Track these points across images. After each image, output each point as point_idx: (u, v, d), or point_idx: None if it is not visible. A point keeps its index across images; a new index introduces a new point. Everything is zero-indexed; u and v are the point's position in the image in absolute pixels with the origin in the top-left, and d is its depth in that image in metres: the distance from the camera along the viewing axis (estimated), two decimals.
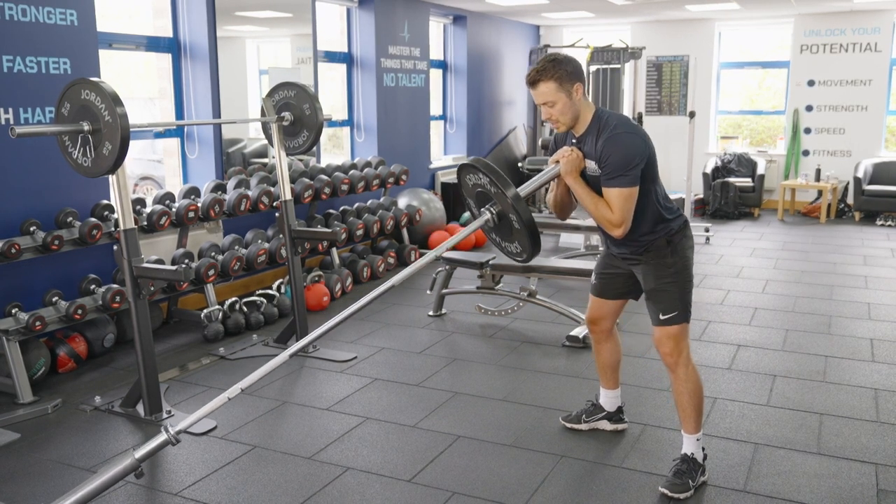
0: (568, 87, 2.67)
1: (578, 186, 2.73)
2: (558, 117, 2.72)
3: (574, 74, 2.68)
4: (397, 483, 2.93)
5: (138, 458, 2.44)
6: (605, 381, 3.30)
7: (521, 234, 2.56)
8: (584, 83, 2.73)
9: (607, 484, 2.91)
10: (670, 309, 2.79)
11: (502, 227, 2.63)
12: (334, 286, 5.59)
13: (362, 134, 7.35)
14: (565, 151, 2.75)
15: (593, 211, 2.71)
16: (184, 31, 5.32)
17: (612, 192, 2.66)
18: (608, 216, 2.68)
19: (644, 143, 2.69)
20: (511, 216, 2.54)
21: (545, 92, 2.68)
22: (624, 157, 2.62)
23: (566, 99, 2.68)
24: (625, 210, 2.66)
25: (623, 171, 2.62)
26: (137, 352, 3.48)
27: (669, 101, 10.08)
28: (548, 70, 2.66)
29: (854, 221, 8.95)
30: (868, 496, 2.80)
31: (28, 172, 4.17)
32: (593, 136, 2.71)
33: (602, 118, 2.72)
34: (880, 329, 4.78)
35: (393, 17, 7.43)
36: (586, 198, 2.73)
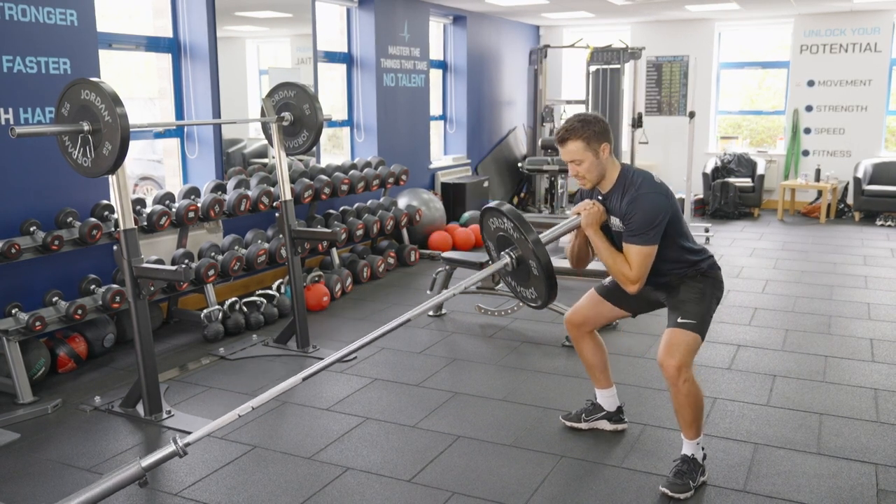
0: (595, 147, 2.75)
1: (598, 239, 2.81)
2: (585, 174, 2.80)
3: (602, 134, 2.76)
4: (397, 483, 2.93)
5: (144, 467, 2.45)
6: (596, 381, 3.31)
7: (538, 280, 2.61)
8: (612, 143, 2.81)
9: (607, 484, 2.91)
10: (689, 316, 2.80)
11: (520, 271, 2.69)
12: (334, 286, 5.59)
13: (362, 134, 7.35)
14: (587, 204, 2.84)
15: (611, 265, 2.79)
16: (184, 32, 5.32)
17: (633, 248, 2.74)
18: (625, 272, 2.76)
19: (667, 201, 2.77)
20: (531, 262, 2.59)
21: (573, 150, 2.76)
22: (647, 216, 2.70)
23: (593, 158, 2.76)
24: (643, 267, 2.74)
25: (645, 230, 2.71)
26: (137, 352, 3.48)
27: (669, 102, 10.08)
28: (576, 129, 2.75)
29: (854, 221, 8.96)
30: (868, 496, 2.80)
31: (28, 172, 4.17)
32: (619, 194, 2.79)
33: (628, 176, 2.79)
34: (880, 329, 4.79)
35: (393, 17, 7.43)
36: (605, 251, 2.80)
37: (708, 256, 2.92)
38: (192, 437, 2.47)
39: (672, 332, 2.80)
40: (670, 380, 2.79)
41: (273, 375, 4.10)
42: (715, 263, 2.93)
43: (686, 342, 2.76)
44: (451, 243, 7.18)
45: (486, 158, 9.55)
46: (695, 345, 2.78)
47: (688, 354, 2.75)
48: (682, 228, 2.85)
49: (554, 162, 8.20)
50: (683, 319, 2.80)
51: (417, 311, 2.62)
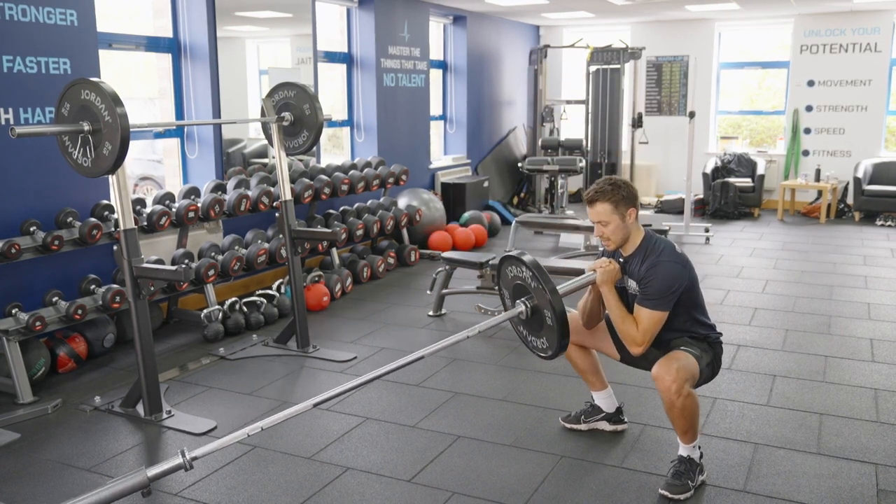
0: (623, 211, 2.83)
1: (611, 297, 2.87)
2: (610, 236, 2.87)
3: (629, 199, 2.84)
4: (397, 483, 2.93)
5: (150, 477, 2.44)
6: (590, 384, 3.32)
7: (551, 331, 2.62)
8: (638, 210, 2.88)
9: (607, 484, 2.91)
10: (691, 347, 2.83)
11: (533, 321, 2.71)
12: (334, 286, 5.59)
13: (362, 134, 7.35)
14: (604, 262, 2.90)
15: (619, 324, 2.85)
16: (184, 32, 5.32)
17: (644, 312, 2.80)
18: (633, 333, 2.81)
19: (686, 272, 2.84)
20: (546, 312, 2.60)
21: (601, 212, 2.84)
22: (664, 284, 2.77)
23: (619, 221, 2.84)
24: (650, 332, 2.80)
25: (659, 297, 2.77)
26: (137, 352, 3.48)
27: (669, 102, 10.08)
28: (606, 192, 2.83)
29: (854, 221, 8.95)
30: (868, 496, 2.80)
31: (28, 172, 4.17)
32: (640, 258, 2.86)
33: (650, 243, 2.87)
34: (880, 329, 4.79)
35: (393, 17, 7.43)
36: (616, 310, 2.85)
37: (717, 332, 2.97)
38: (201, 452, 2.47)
39: (672, 352, 2.82)
40: (664, 393, 2.74)
41: (273, 375, 4.10)
42: (720, 341, 2.98)
43: (687, 361, 2.77)
44: (451, 243, 7.18)
45: (486, 158, 9.55)
46: (694, 369, 2.77)
47: (686, 372, 2.73)
48: (697, 300, 2.92)
49: (554, 162, 8.20)
50: (685, 348, 2.84)
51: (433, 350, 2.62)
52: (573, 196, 10.10)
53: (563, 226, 7.10)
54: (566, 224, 7.10)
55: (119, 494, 2.38)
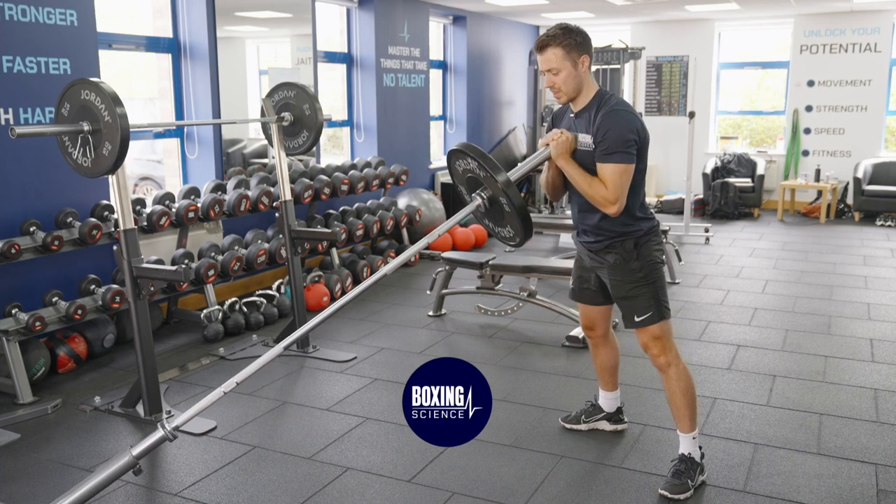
0: (574, 57, 2.66)
1: (570, 167, 2.71)
2: (561, 86, 2.70)
3: (582, 45, 2.67)
4: (397, 483, 2.93)
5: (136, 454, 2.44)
6: (603, 383, 3.30)
7: (512, 217, 2.54)
8: (592, 57, 2.71)
9: (607, 484, 2.91)
10: (644, 310, 2.78)
11: (494, 211, 2.61)
12: (334, 286, 5.59)
13: (362, 134, 7.35)
14: (555, 134, 2.73)
15: (586, 189, 2.67)
16: (184, 32, 5.32)
17: (608, 167, 2.63)
18: (602, 193, 2.64)
19: (641, 124, 2.69)
20: (502, 200, 2.51)
21: (551, 58, 2.66)
22: (622, 132, 2.61)
23: (571, 68, 2.67)
24: (620, 186, 2.63)
25: (620, 148, 2.61)
26: (137, 352, 3.48)
27: (669, 102, 10.06)
28: (557, 36, 2.65)
29: (854, 222, 8.95)
30: (868, 496, 2.80)
31: (28, 172, 4.17)
32: (591, 112, 2.70)
33: (604, 97, 2.72)
34: (880, 329, 4.79)
35: (393, 17, 7.43)
36: (579, 178, 2.69)
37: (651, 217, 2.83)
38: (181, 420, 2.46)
39: (639, 333, 2.83)
40: (660, 367, 2.85)
41: (273, 375, 4.10)
42: (655, 226, 2.83)
43: (654, 335, 2.79)
44: (451, 243, 7.18)
45: None
46: (663, 331, 2.79)
47: (666, 340, 2.79)
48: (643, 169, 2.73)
49: None
50: (640, 317, 2.78)
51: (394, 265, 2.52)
52: None
53: (563, 226, 7.09)
54: (566, 224, 7.09)
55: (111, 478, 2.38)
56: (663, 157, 10.26)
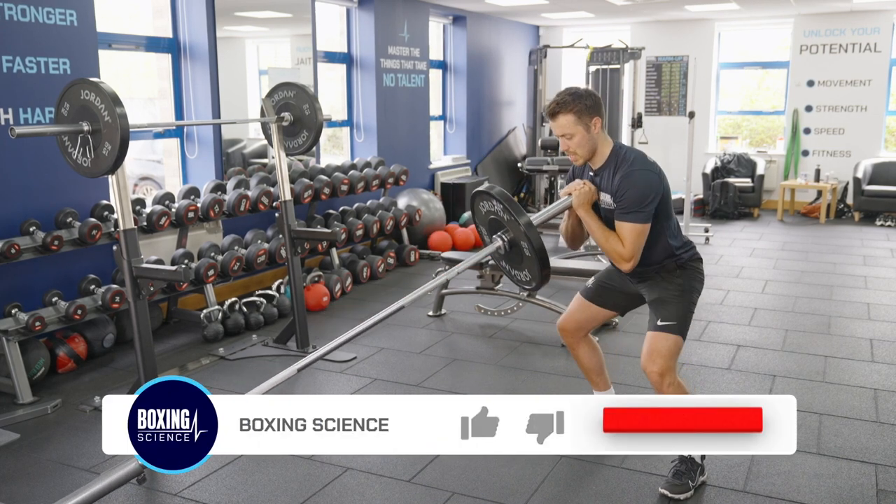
0: (587, 121, 2.71)
1: (590, 219, 2.78)
2: (575, 150, 2.76)
3: (593, 108, 2.72)
4: (397, 483, 2.93)
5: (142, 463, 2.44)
6: (594, 384, 3.26)
7: (531, 261, 2.59)
8: (604, 117, 2.77)
9: (607, 484, 2.91)
10: (669, 318, 2.78)
11: (513, 254, 2.66)
12: (334, 286, 5.58)
13: (362, 134, 7.35)
14: (577, 184, 2.80)
15: (603, 243, 2.76)
16: (183, 32, 5.32)
17: (626, 226, 2.71)
18: (619, 250, 2.72)
19: (659, 180, 2.74)
20: (522, 243, 2.56)
21: (564, 124, 2.72)
22: (639, 193, 2.67)
23: (584, 132, 2.72)
24: (636, 245, 2.71)
25: (638, 208, 2.68)
26: (137, 352, 3.48)
27: (669, 102, 10.06)
28: (567, 103, 2.70)
29: (854, 221, 8.95)
30: (868, 496, 2.80)
31: (28, 172, 4.17)
32: (610, 171, 2.76)
33: (620, 153, 2.76)
34: (880, 329, 4.79)
35: (393, 17, 7.43)
36: (597, 230, 2.77)
37: (690, 247, 2.89)
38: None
39: (653, 337, 2.79)
40: (655, 386, 2.78)
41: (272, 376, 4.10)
42: (696, 254, 2.90)
43: (667, 347, 2.75)
44: (451, 243, 7.18)
45: (485, 158, 9.55)
46: (676, 348, 2.77)
47: (669, 359, 2.74)
48: (669, 211, 2.81)
49: (554, 162, 8.20)
50: (663, 322, 2.79)
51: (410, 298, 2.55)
52: None
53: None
54: None
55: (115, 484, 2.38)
56: (663, 156, 10.24)
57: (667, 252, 2.82)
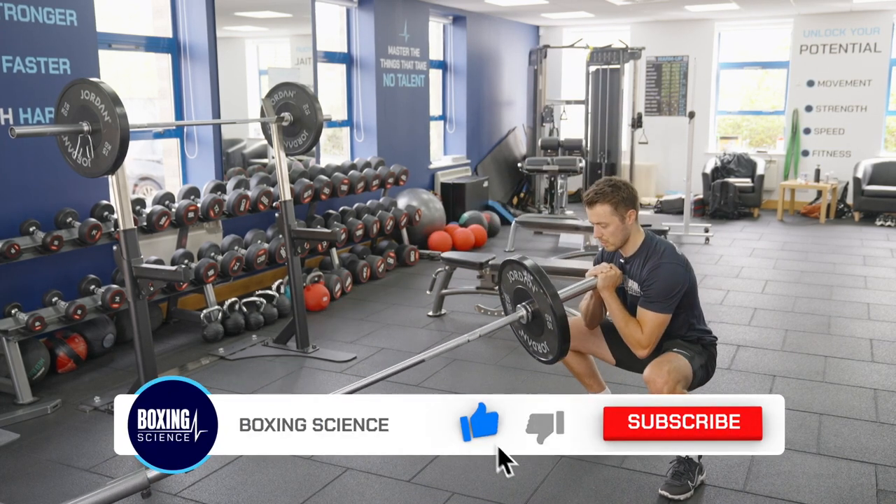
0: (622, 213, 2.82)
1: (613, 301, 2.86)
2: (609, 238, 2.87)
3: (629, 201, 2.83)
4: (397, 483, 2.93)
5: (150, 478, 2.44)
6: (588, 387, 3.25)
7: (551, 335, 2.62)
8: (638, 211, 2.87)
9: (607, 484, 2.91)
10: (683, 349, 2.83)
11: (534, 326, 2.69)
12: (334, 286, 5.58)
13: (362, 134, 7.35)
14: (604, 267, 2.88)
15: (623, 327, 2.84)
16: (183, 32, 5.32)
17: (648, 315, 2.79)
18: (637, 336, 2.81)
19: (686, 274, 2.84)
20: (546, 316, 2.60)
21: (600, 213, 2.83)
22: (666, 286, 2.77)
23: (619, 223, 2.83)
24: (654, 334, 2.80)
25: (663, 299, 2.77)
26: (137, 352, 3.48)
27: (669, 102, 10.08)
28: (606, 194, 2.82)
29: (854, 222, 8.95)
30: (868, 496, 2.80)
31: (28, 172, 4.17)
32: (641, 260, 2.86)
33: (651, 244, 2.87)
34: (880, 329, 4.79)
35: (392, 17, 7.43)
36: (618, 313, 2.85)
37: (712, 335, 2.97)
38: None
39: (664, 354, 2.82)
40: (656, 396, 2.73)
41: (273, 376, 4.10)
42: (715, 343, 2.98)
43: (679, 364, 2.76)
44: (451, 243, 7.18)
45: (485, 158, 9.55)
46: (686, 371, 2.77)
47: (678, 374, 2.73)
48: (695, 302, 2.91)
49: (554, 162, 8.20)
50: (677, 350, 2.84)
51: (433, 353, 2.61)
52: (573, 196, 10.10)
53: (563, 226, 7.11)
54: (566, 224, 7.10)
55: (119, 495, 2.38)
56: (663, 156, 10.26)
57: (687, 334, 2.90)
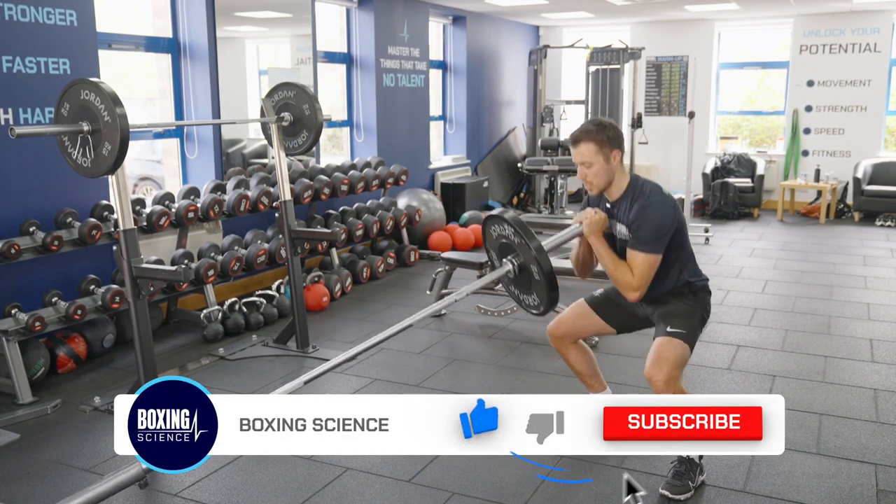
0: (607, 152, 2.77)
1: (600, 246, 2.82)
2: (592, 179, 2.82)
3: (615, 141, 2.78)
4: (397, 483, 2.93)
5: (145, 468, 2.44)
6: (589, 386, 3.22)
7: (539, 285, 2.60)
8: (623, 152, 2.82)
9: (607, 484, 2.91)
10: (679, 326, 2.80)
11: (522, 278, 2.68)
12: (334, 286, 5.58)
13: (362, 134, 7.35)
14: (590, 213, 2.84)
15: (612, 271, 2.80)
16: (183, 32, 5.32)
17: (638, 256, 2.75)
18: (628, 279, 2.77)
19: (675, 213, 2.79)
20: (532, 268, 2.58)
21: (585, 152, 2.78)
22: (655, 226, 2.73)
23: (603, 163, 2.78)
24: (645, 276, 2.75)
25: (653, 240, 2.73)
26: (137, 352, 3.48)
27: (669, 102, 10.08)
28: (591, 132, 2.77)
29: (853, 222, 8.95)
30: (868, 496, 2.80)
31: (28, 172, 4.17)
32: (628, 203, 2.81)
33: (637, 186, 2.82)
34: (880, 329, 4.79)
35: (392, 17, 7.43)
36: (607, 258, 2.81)
37: (703, 278, 2.94)
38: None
39: (661, 343, 2.77)
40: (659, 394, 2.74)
41: (273, 376, 4.10)
42: (707, 286, 2.94)
43: (675, 355, 2.74)
44: (451, 243, 7.18)
45: (485, 159, 9.55)
46: (683, 357, 2.76)
47: (676, 367, 2.73)
48: (685, 243, 2.87)
49: (554, 162, 8.20)
50: (673, 329, 2.79)
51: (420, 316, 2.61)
52: (573, 196, 10.10)
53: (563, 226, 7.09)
54: (566, 224, 7.09)
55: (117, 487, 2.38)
56: (663, 157, 10.25)
57: (679, 281, 2.86)
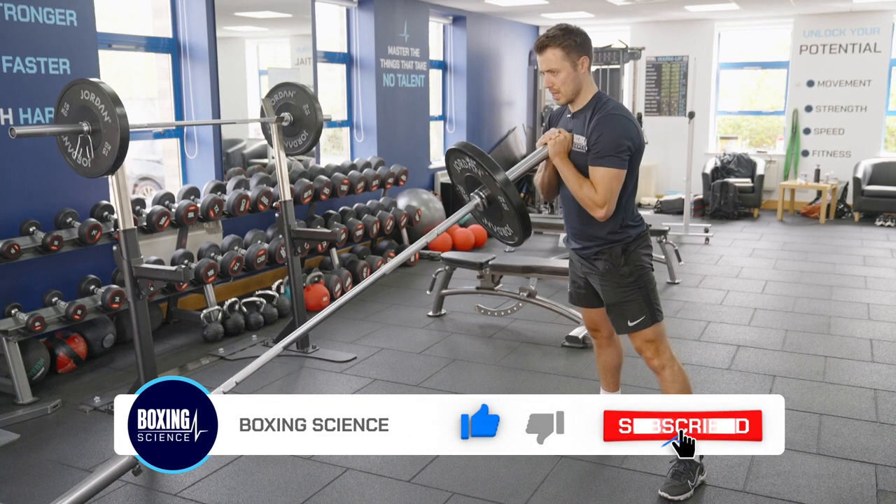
0: (574, 58, 2.66)
1: (565, 167, 2.71)
2: (560, 87, 2.70)
3: (582, 47, 2.67)
4: (397, 483, 2.93)
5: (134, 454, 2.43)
6: (605, 383, 3.28)
7: (511, 216, 2.55)
8: (591, 58, 2.72)
9: (607, 484, 2.91)
10: (636, 315, 2.78)
11: (492, 210, 2.62)
12: (334, 286, 5.58)
13: (362, 134, 7.35)
14: (553, 133, 2.74)
15: (577, 190, 2.68)
16: (183, 32, 5.32)
17: (599, 171, 2.63)
18: (592, 196, 2.65)
19: (637, 130, 2.68)
20: (500, 199, 2.52)
21: (551, 59, 2.66)
22: (616, 137, 2.61)
23: (570, 69, 2.67)
24: (610, 191, 2.63)
25: (613, 152, 2.61)
26: (137, 352, 3.48)
27: (669, 102, 10.06)
28: (557, 37, 2.65)
29: (853, 222, 8.96)
30: (867, 496, 2.80)
31: (27, 173, 4.17)
32: (588, 113, 2.70)
33: (601, 99, 2.72)
34: (880, 329, 4.79)
35: (392, 17, 7.43)
36: (572, 178, 2.70)
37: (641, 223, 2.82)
38: None
39: (632, 339, 2.82)
40: (655, 369, 2.85)
41: (273, 376, 4.10)
42: (645, 235, 2.82)
43: (647, 339, 2.79)
44: (451, 243, 7.18)
45: None
46: (657, 334, 2.79)
47: (659, 343, 2.79)
48: (635, 171, 2.74)
49: None
50: (633, 322, 2.78)
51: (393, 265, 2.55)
52: None
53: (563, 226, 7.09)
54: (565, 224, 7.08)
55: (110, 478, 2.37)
56: (663, 157, 10.26)
57: (620, 222, 2.74)
